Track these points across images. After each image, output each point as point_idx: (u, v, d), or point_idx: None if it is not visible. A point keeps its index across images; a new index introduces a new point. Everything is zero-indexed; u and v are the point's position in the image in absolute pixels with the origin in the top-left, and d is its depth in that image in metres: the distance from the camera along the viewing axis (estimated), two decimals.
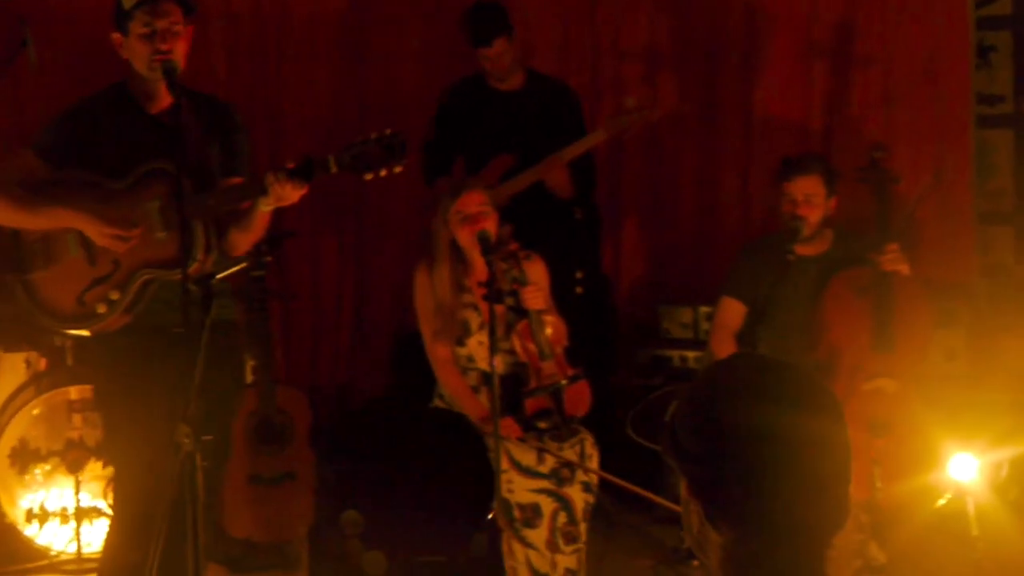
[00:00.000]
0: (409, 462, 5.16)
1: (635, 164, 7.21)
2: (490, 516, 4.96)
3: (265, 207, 4.12)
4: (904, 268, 5.39)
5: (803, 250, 5.38)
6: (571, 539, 5.01)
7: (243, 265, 3.78)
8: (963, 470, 4.88)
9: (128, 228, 4.09)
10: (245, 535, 5.74)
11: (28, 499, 5.74)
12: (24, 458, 5.71)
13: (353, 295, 7.52)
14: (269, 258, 5.84)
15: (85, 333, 4.27)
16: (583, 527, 5.06)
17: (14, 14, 6.61)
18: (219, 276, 3.66)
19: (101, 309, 4.16)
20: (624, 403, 6.75)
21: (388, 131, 4.07)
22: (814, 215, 5.42)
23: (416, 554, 5.25)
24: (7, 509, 5.69)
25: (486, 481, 4.89)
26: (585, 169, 6.39)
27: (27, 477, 5.74)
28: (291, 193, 4.04)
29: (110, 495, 5.49)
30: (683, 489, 2.03)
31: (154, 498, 3.78)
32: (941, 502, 5.16)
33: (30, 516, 5.71)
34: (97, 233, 4.10)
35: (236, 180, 4.32)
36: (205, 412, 3.66)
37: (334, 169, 4.04)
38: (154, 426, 4.04)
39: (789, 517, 1.93)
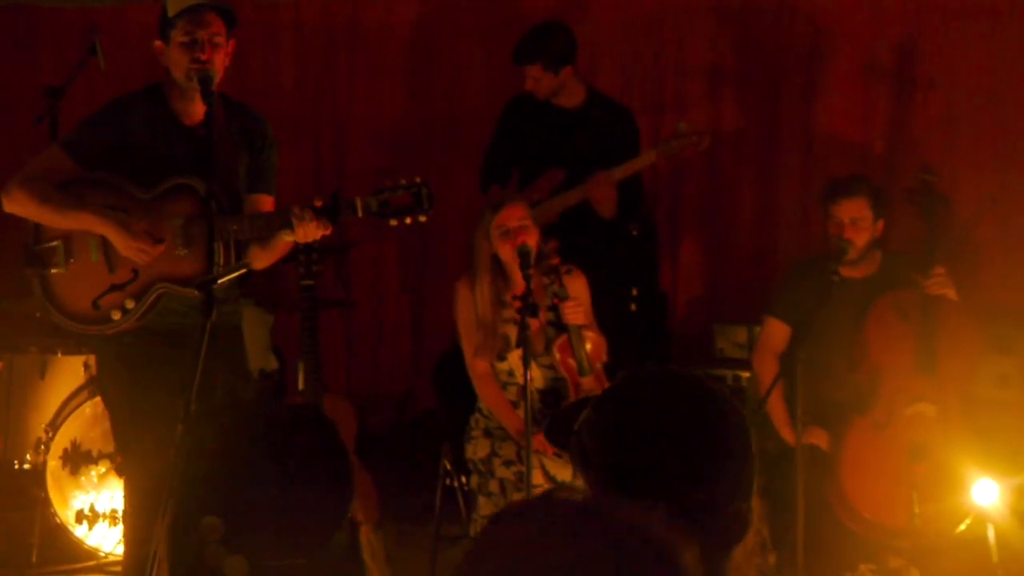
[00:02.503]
0: (266, 464, 5.15)
1: (694, 182, 7.20)
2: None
3: (287, 237, 4.18)
4: (951, 292, 5.32)
5: (850, 272, 5.35)
6: None
7: (243, 271, 3.83)
8: (985, 495, 4.82)
9: (153, 243, 4.17)
10: None
11: (80, 500, 5.84)
12: (76, 460, 5.82)
13: (413, 303, 7.57)
14: (319, 267, 5.92)
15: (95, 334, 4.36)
16: None
17: (87, 22, 6.78)
18: (220, 282, 3.71)
19: (116, 316, 4.25)
20: None
21: (418, 179, 4.13)
22: (861, 238, 5.36)
23: (277, 557, 5.20)
24: (59, 509, 5.79)
25: (344, 480, 4.90)
26: (632, 190, 6.37)
27: (80, 478, 5.85)
28: (315, 231, 4.10)
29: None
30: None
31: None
32: (961, 527, 5.09)
33: (80, 517, 5.81)
34: (123, 245, 4.18)
35: (262, 198, 4.40)
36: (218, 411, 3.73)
37: (360, 212, 4.10)
38: (160, 423, 4.13)
39: (689, 528, 1.93)
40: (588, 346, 5.26)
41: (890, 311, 5.32)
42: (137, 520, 4.34)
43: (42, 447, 5.87)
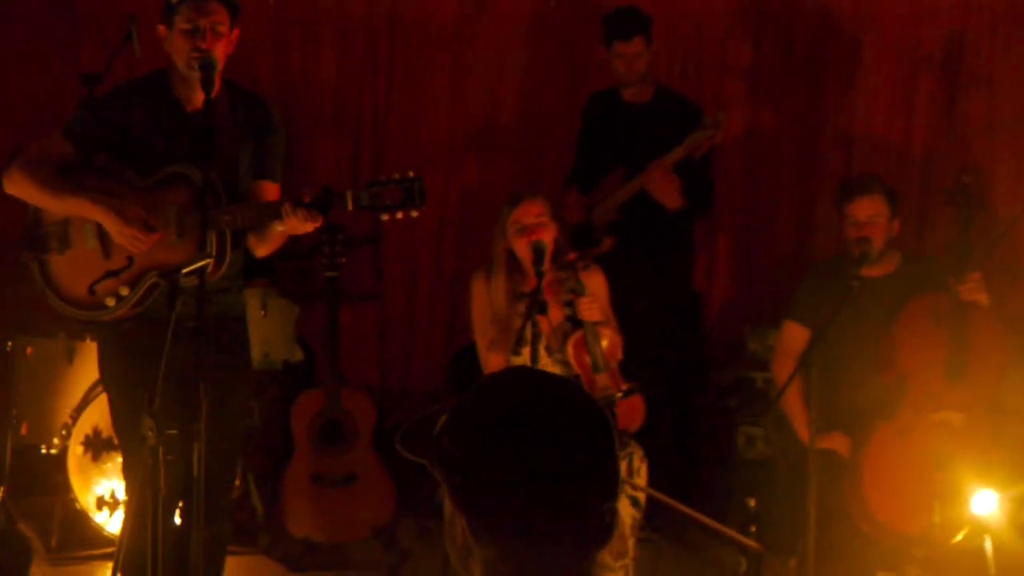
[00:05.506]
0: None
1: (732, 181, 7.10)
2: None
3: (280, 228, 4.15)
4: (983, 298, 5.18)
5: (868, 271, 5.15)
6: (619, 554, 4.94)
7: (208, 261, 3.77)
8: (984, 506, 4.70)
9: (147, 231, 4.15)
10: (304, 534, 5.80)
11: (102, 486, 5.84)
12: (98, 446, 5.82)
13: (448, 297, 7.52)
14: (343, 260, 5.91)
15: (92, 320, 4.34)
16: (631, 542, 4.97)
17: (125, 11, 6.78)
18: (185, 272, 3.64)
19: (110, 302, 4.22)
20: (705, 425, 6.67)
21: (411, 174, 4.07)
22: (878, 236, 5.25)
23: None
24: (80, 495, 5.79)
25: None
26: (701, 178, 6.34)
27: (102, 465, 5.85)
28: (305, 224, 4.05)
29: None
30: (447, 501, 2.00)
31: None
32: (958, 538, 4.96)
33: (101, 503, 5.82)
34: (117, 231, 4.15)
35: (267, 184, 4.36)
36: (216, 403, 3.69)
37: (350, 206, 4.05)
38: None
39: (550, 532, 1.88)
40: (604, 343, 5.19)
41: (923, 314, 5.18)
42: (135, 509, 4.30)
43: (65, 432, 5.88)
